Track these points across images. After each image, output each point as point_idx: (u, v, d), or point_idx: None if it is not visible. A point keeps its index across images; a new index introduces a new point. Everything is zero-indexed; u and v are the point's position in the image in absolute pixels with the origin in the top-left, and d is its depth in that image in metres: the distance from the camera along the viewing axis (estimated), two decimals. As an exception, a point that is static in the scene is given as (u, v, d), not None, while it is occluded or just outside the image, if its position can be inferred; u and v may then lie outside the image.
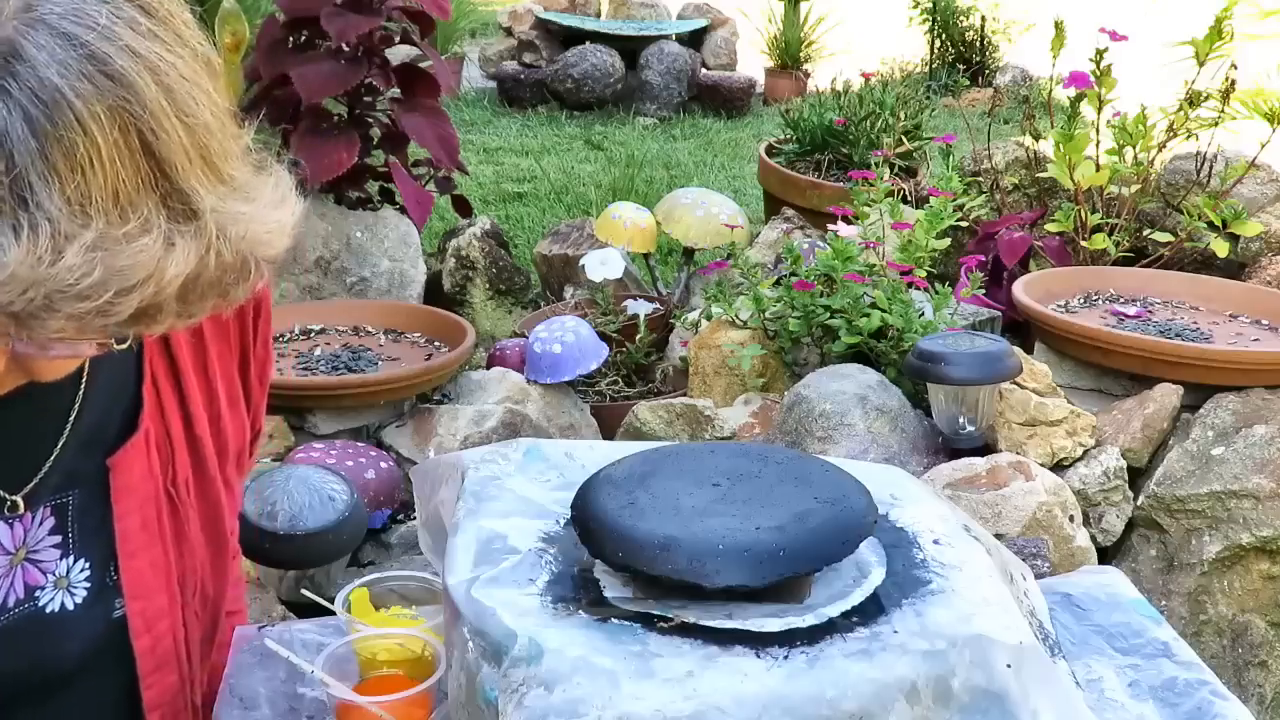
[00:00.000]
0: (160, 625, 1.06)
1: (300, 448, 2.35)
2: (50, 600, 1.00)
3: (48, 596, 1.00)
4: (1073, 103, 3.06)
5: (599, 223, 3.69)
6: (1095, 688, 1.18)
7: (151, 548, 1.04)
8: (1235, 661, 2.19)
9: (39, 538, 0.99)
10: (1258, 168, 3.14)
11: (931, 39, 8.04)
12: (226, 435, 1.13)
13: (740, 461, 1.08)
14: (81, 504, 1.01)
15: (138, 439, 1.03)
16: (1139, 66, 3.78)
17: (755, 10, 8.02)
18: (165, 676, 1.07)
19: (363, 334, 2.82)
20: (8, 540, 0.98)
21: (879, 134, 4.16)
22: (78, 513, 1.01)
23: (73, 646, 1.01)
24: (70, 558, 1.01)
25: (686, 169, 6.06)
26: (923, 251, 2.60)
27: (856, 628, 0.95)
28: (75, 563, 1.01)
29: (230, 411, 1.14)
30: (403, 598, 1.36)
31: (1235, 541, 2.16)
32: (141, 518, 1.03)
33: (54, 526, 1.00)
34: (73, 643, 1.01)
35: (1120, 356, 2.44)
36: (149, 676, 1.06)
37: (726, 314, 2.71)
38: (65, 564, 1.00)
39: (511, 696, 0.88)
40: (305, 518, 1.87)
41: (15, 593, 0.98)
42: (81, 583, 1.01)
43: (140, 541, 1.03)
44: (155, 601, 1.05)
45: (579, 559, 1.04)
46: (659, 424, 2.45)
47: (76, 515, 1.01)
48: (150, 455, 1.04)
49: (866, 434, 2.19)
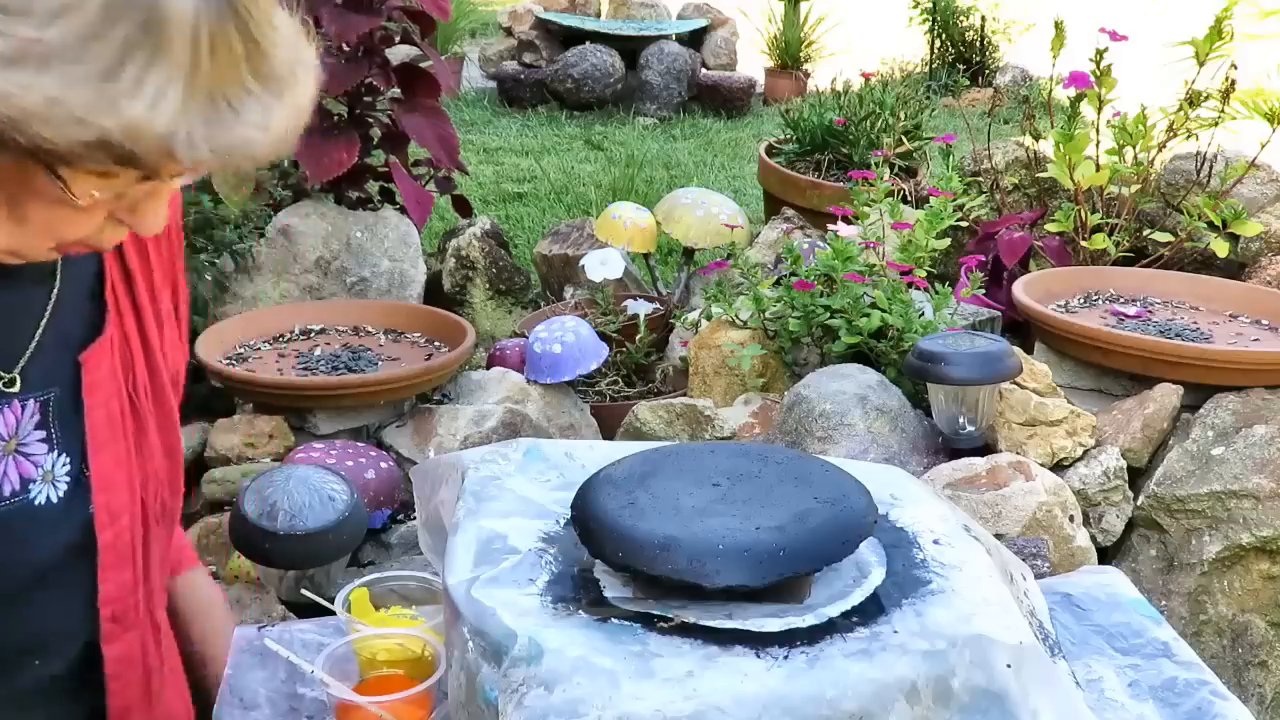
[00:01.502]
0: (121, 520, 1.09)
1: (300, 448, 2.35)
2: (38, 494, 1.04)
3: (37, 490, 1.04)
4: (1073, 103, 3.06)
5: (599, 223, 3.69)
6: (1095, 688, 1.18)
7: (115, 443, 1.09)
8: (1235, 661, 2.20)
9: (28, 430, 1.04)
10: (1258, 168, 3.13)
11: (931, 39, 8.04)
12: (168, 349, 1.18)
13: (740, 461, 1.08)
14: (60, 400, 1.06)
15: (104, 339, 1.08)
16: (1139, 66, 3.78)
17: (755, 10, 8.02)
18: (121, 573, 1.11)
19: (363, 334, 2.82)
20: (0, 427, 1.02)
21: (879, 134, 4.16)
22: (57, 408, 1.06)
23: (55, 539, 1.06)
24: (55, 452, 1.05)
25: (686, 169, 6.07)
26: (923, 251, 2.60)
27: (856, 628, 0.95)
28: (59, 457, 1.06)
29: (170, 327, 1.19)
30: (403, 598, 1.36)
31: (1235, 541, 2.16)
32: (107, 413, 1.08)
33: (39, 421, 1.05)
34: (55, 536, 1.05)
35: (1120, 356, 2.44)
36: (107, 571, 1.09)
37: (726, 314, 2.71)
38: (51, 458, 1.05)
39: (511, 696, 0.88)
40: (305, 518, 1.87)
41: (10, 483, 1.03)
42: (63, 477, 1.06)
43: (106, 435, 1.08)
44: (118, 496, 1.09)
45: (579, 559, 1.04)
46: (659, 424, 2.45)
47: (56, 411, 1.06)
48: (113, 357, 1.09)
49: (866, 434, 2.19)
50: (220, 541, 2.23)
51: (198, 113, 0.80)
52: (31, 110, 0.76)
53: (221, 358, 2.60)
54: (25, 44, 0.75)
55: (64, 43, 0.76)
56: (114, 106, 0.77)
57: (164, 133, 0.79)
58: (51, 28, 0.75)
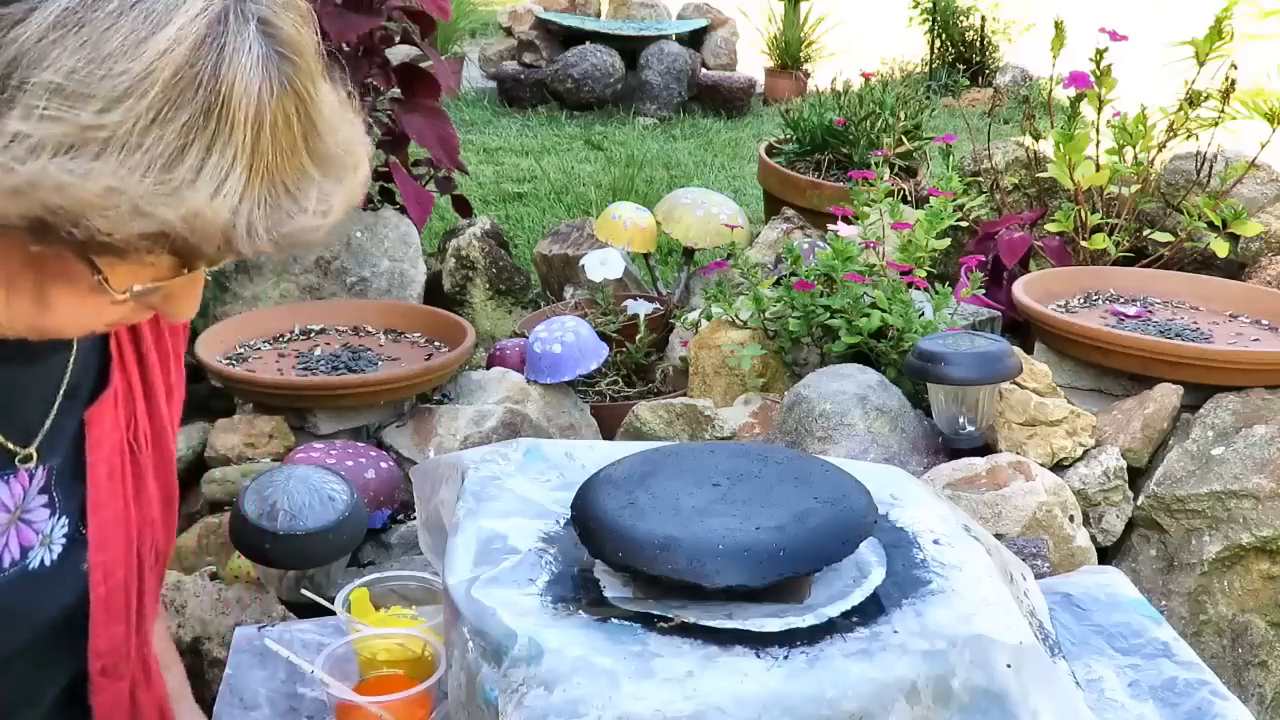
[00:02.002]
0: (116, 576, 1.07)
1: (300, 448, 2.35)
2: (35, 559, 1.01)
3: (34, 555, 1.01)
4: (1073, 103, 3.06)
5: (599, 223, 3.69)
6: (1095, 688, 1.18)
7: (115, 500, 1.06)
8: (1235, 661, 2.20)
9: (32, 497, 1.01)
10: (1258, 168, 3.13)
11: (931, 39, 8.04)
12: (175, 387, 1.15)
13: (740, 461, 1.08)
14: (64, 462, 1.03)
15: (109, 392, 1.05)
16: (1139, 66, 3.78)
17: (755, 10, 8.02)
18: (113, 628, 1.08)
19: (363, 334, 2.82)
20: (7, 498, 1.00)
21: (879, 134, 4.16)
22: (61, 472, 1.03)
23: (50, 601, 1.03)
24: (55, 515, 1.03)
25: (686, 169, 6.06)
26: (923, 251, 2.60)
27: (856, 628, 0.95)
28: (59, 520, 1.03)
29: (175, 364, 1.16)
30: (403, 598, 1.36)
31: (1235, 541, 2.16)
32: (109, 468, 1.05)
33: (43, 486, 1.02)
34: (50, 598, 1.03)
35: (1120, 356, 2.44)
36: (99, 627, 1.07)
37: (726, 314, 2.71)
38: (51, 522, 1.02)
39: (511, 696, 0.88)
40: (305, 518, 1.87)
41: (11, 553, 1.00)
42: (59, 539, 1.03)
43: (106, 494, 1.05)
44: (114, 552, 1.06)
45: (579, 559, 1.04)
46: (659, 424, 2.45)
47: (60, 475, 1.03)
48: (116, 409, 1.06)
49: (866, 434, 2.19)
50: (220, 541, 2.23)
51: (259, 201, 0.77)
52: (88, 201, 0.72)
53: (221, 358, 2.60)
54: (84, 130, 0.71)
55: (125, 129, 0.72)
56: (175, 196, 0.73)
57: (225, 223, 0.75)
58: (112, 113, 0.72)
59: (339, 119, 0.83)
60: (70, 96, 0.71)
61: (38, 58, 0.71)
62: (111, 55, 0.71)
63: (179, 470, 2.56)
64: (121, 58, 0.72)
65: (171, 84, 0.72)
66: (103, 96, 0.71)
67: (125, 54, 0.72)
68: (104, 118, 0.71)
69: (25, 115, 0.71)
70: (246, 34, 0.76)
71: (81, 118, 0.71)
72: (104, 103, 0.71)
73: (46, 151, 0.71)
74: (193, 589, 1.97)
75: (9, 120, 0.71)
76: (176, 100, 0.73)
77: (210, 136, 0.74)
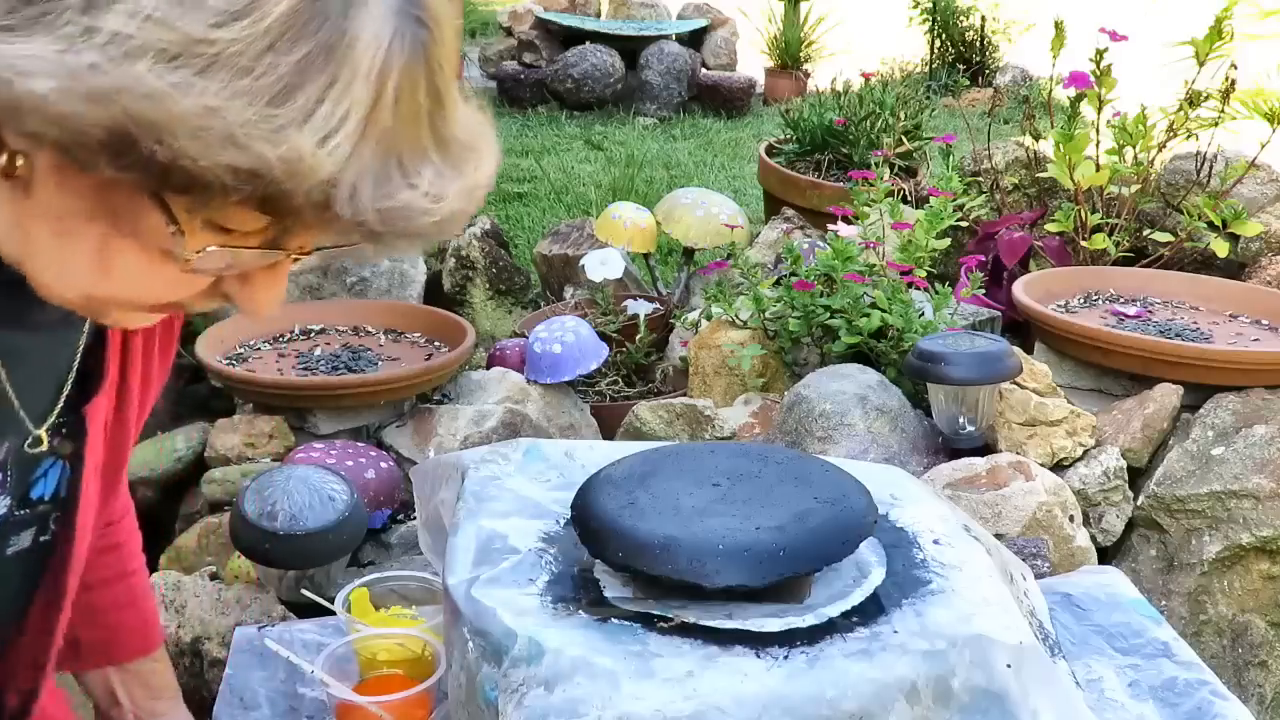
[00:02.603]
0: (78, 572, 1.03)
1: (300, 448, 2.35)
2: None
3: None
4: (1073, 103, 3.06)
5: (599, 223, 3.69)
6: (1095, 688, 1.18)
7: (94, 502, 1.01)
8: (1235, 661, 2.20)
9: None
10: (1258, 168, 3.13)
11: (931, 39, 8.04)
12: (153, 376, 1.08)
13: (740, 461, 1.08)
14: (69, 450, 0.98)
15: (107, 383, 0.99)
16: (1139, 66, 3.78)
17: (755, 10, 8.02)
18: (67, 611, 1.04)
19: (363, 334, 2.82)
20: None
21: (879, 134, 4.16)
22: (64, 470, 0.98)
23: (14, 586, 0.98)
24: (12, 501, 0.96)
25: (686, 169, 6.06)
26: (923, 251, 2.60)
27: (856, 628, 0.95)
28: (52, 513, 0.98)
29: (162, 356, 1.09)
30: (403, 598, 1.36)
31: (1235, 541, 2.16)
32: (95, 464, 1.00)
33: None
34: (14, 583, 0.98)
35: (1120, 356, 2.44)
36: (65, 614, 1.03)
37: (726, 314, 2.71)
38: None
39: (511, 696, 0.88)
40: (305, 518, 1.87)
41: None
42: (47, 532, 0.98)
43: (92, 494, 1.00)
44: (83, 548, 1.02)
45: (579, 559, 1.04)
46: (659, 424, 2.45)
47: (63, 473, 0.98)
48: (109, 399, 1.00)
49: (866, 434, 2.19)
50: (220, 541, 2.23)
51: (368, 163, 0.69)
52: (181, 116, 0.64)
53: (221, 357, 2.60)
54: (191, 41, 0.64)
55: (236, 49, 0.65)
56: (279, 134, 0.66)
57: (327, 177, 0.67)
58: (227, 29, 0.65)
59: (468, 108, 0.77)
60: (183, 3, 0.64)
61: None
62: None
63: (179, 470, 2.57)
64: None
65: (295, 10, 0.66)
66: (218, 9, 0.65)
67: None
68: (216, 32, 0.64)
69: (130, 14, 0.64)
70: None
71: (191, 28, 0.64)
72: (218, 16, 0.65)
73: (146, 58, 0.64)
74: (193, 589, 1.97)
75: (109, 17, 0.64)
76: (298, 30, 0.66)
77: (327, 80, 0.67)
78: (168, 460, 2.47)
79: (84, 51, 0.64)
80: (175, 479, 2.49)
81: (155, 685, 1.29)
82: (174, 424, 2.70)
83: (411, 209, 0.71)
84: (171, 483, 2.50)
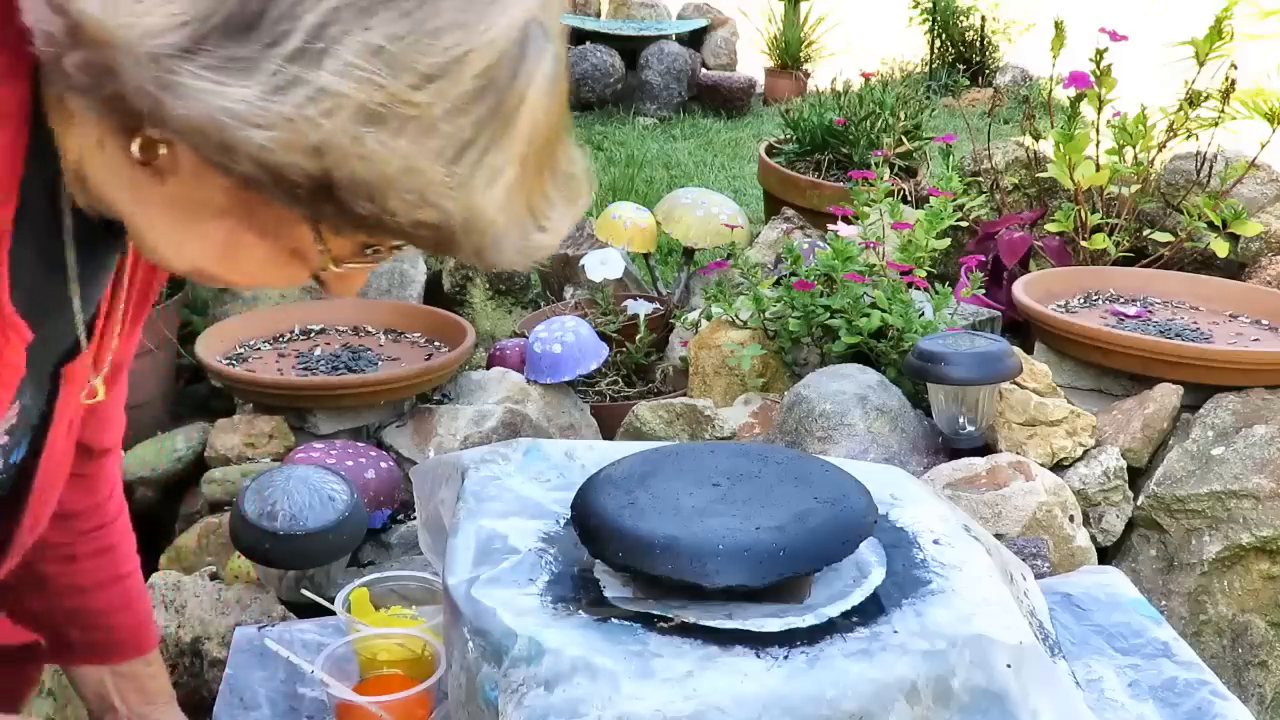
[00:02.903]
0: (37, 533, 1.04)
1: (300, 448, 2.35)
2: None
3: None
4: (1073, 103, 3.06)
5: (599, 223, 3.69)
6: (1095, 688, 1.18)
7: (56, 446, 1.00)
8: (1235, 661, 2.20)
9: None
10: (1258, 168, 3.13)
11: (931, 39, 8.04)
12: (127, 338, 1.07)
13: (740, 461, 1.08)
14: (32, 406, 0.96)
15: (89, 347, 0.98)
16: (1139, 66, 3.78)
17: (755, 10, 8.02)
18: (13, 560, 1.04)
19: (363, 334, 2.82)
20: None
21: (879, 134, 4.16)
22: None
23: None
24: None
25: (686, 169, 6.06)
26: (923, 251, 2.60)
27: (856, 628, 0.95)
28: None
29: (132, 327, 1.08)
30: (403, 598, 1.36)
31: (1235, 541, 2.16)
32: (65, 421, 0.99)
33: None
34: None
35: (1120, 356, 2.44)
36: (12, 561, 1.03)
37: (726, 314, 2.71)
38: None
39: (511, 696, 0.88)
40: (305, 518, 1.87)
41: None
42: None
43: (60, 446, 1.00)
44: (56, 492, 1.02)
45: (579, 559, 1.04)
46: (659, 424, 2.45)
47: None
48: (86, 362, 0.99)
49: (866, 434, 2.19)
50: (220, 541, 2.23)
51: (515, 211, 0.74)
52: (392, 178, 0.68)
53: (221, 358, 2.60)
54: (396, 102, 0.67)
55: (433, 110, 0.68)
56: (460, 189, 0.70)
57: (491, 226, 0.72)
58: (423, 91, 0.67)
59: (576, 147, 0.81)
60: (390, 63, 0.66)
61: (363, 11, 0.66)
62: (438, 30, 0.68)
63: (179, 470, 2.57)
64: (446, 35, 0.68)
65: (481, 75, 0.69)
66: (419, 71, 0.67)
67: (449, 32, 0.68)
68: (416, 94, 0.67)
69: (341, 72, 0.66)
70: (546, 53, 0.73)
71: (397, 88, 0.67)
72: (418, 78, 0.67)
73: (347, 113, 0.67)
74: (193, 589, 1.97)
75: (319, 74, 0.66)
76: (479, 94, 0.69)
77: (492, 138, 0.71)
78: (168, 460, 2.47)
79: (290, 103, 0.66)
80: (175, 479, 2.49)
81: (150, 690, 1.29)
82: (174, 424, 2.70)
83: (540, 249, 0.77)
84: (171, 483, 2.50)
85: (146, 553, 1.31)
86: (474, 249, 0.73)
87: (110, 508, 1.23)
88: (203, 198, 0.75)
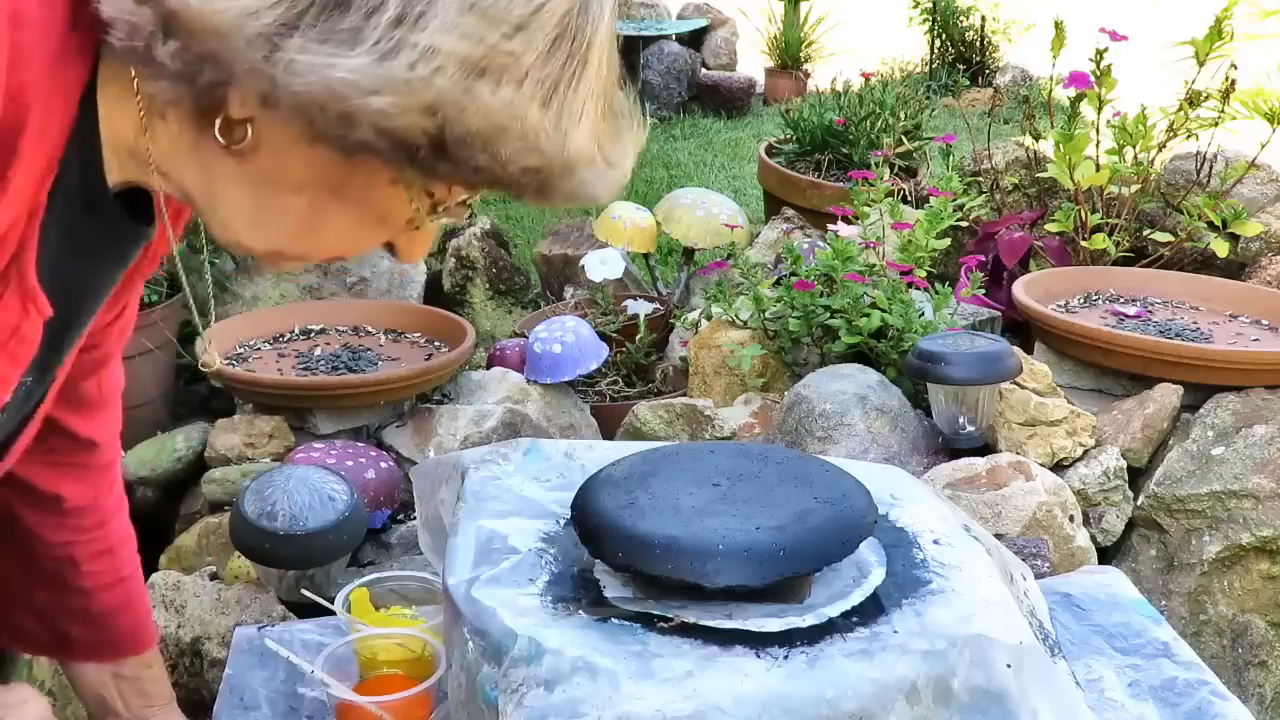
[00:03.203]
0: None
1: (300, 448, 2.35)
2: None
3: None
4: (1073, 103, 3.06)
5: (599, 223, 3.69)
6: (1095, 688, 1.18)
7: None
8: (1235, 661, 2.20)
9: None
10: (1258, 168, 3.13)
11: (931, 39, 8.04)
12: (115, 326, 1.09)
13: (740, 461, 1.08)
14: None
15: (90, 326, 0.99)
16: (1139, 66, 3.78)
17: (755, 10, 8.02)
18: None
19: (363, 334, 2.82)
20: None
21: (879, 134, 4.15)
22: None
23: None
24: None
25: (686, 169, 6.06)
26: (923, 251, 2.60)
27: (856, 628, 0.95)
28: None
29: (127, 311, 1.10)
30: (403, 598, 1.36)
31: (1235, 541, 2.16)
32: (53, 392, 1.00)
33: None
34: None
35: (1120, 356, 2.44)
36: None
37: (726, 314, 2.71)
38: None
39: (511, 696, 0.88)
40: (305, 518, 1.87)
41: None
42: None
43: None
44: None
45: (579, 559, 1.04)
46: (659, 424, 2.45)
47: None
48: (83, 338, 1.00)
49: (866, 434, 2.19)
50: (220, 541, 2.23)
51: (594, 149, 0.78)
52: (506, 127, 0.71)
53: (221, 358, 2.60)
54: (493, 53, 0.70)
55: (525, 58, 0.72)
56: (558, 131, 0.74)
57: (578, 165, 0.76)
58: (513, 40, 0.71)
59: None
60: (484, 16, 0.70)
61: None
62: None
63: (179, 470, 2.57)
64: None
65: (560, 21, 0.73)
66: (510, 21, 0.71)
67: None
68: (508, 44, 0.71)
69: (442, 30, 0.69)
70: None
71: (493, 39, 0.70)
72: (510, 28, 0.71)
73: (454, 70, 0.70)
74: (193, 589, 1.97)
75: (423, 34, 0.69)
76: (559, 39, 0.73)
77: (575, 79, 0.74)
78: (168, 460, 2.47)
79: (400, 65, 0.69)
80: (175, 479, 2.49)
81: (150, 692, 1.29)
82: (174, 424, 2.70)
83: (615, 185, 0.81)
84: (171, 483, 2.50)
85: (146, 553, 1.31)
86: (569, 190, 0.77)
87: (108, 504, 1.23)
88: (284, 173, 0.77)
